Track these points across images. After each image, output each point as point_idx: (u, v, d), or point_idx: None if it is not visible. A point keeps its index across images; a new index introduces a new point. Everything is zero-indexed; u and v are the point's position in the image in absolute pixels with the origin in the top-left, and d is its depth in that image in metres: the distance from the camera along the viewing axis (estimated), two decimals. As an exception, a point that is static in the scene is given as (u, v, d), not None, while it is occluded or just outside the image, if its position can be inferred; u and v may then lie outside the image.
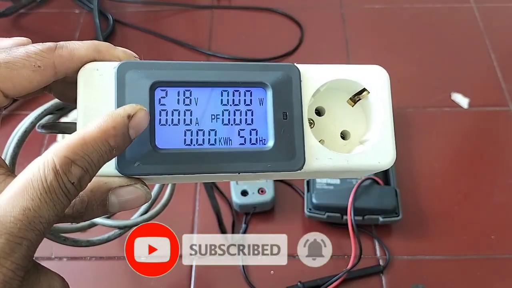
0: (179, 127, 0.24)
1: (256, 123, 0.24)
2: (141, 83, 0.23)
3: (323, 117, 0.26)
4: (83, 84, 0.24)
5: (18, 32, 0.75)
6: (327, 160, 0.24)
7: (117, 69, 0.24)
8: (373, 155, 0.25)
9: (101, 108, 0.23)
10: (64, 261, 0.52)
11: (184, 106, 0.24)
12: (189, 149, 0.24)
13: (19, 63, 0.22)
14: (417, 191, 0.56)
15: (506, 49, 0.70)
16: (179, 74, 0.24)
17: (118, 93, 0.23)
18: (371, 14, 0.76)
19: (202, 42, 0.72)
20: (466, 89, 0.65)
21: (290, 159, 0.24)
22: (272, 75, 0.24)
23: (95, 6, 0.73)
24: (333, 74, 0.25)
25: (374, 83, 0.26)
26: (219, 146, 0.24)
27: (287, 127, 0.24)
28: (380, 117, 0.25)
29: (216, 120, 0.24)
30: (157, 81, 0.24)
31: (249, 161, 0.24)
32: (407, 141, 0.60)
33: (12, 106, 0.64)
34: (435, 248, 0.52)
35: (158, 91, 0.24)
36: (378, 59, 0.75)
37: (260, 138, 0.24)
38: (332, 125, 0.26)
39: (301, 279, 0.49)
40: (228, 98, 0.24)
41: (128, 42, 0.73)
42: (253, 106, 0.24)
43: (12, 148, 0.30)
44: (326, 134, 0.26)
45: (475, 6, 0.76)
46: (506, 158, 0.59)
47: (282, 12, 0.76)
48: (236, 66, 0.25)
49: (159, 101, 0.24)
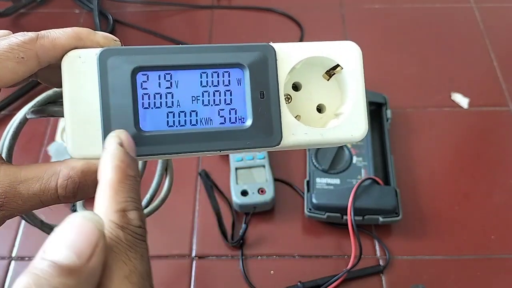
0: (162, 110, 0.25)
1: (235, 103, 0.25)
2: (123, 69, 0.24)
3: (300, 92, 0.28)
4: (67, 72, 0.24)
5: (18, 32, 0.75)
6: (303, 135, 0.26)
7: (98, 56, 0.24)
8: (346, 129, 0.26)
9: (86, 95, 0.24)
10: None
11: (165, 89, 0.25)
12: (172, 130, 0.25)
13: (3, 55, 0.23)
14: (417, 191, 0.56)
15: (506, 49, 0.71)
16: (159, 58, 0.25)
17: (101, 79, 0.24)
18: (371, 14, 0.76)
19: (202, 42, 0.72)
20: (466, 89, 0.65)
21: (268, 136, 0.25)
22: (249, 56, 0.25)
23: (95, 6, 0.73)
24: (308, 52, 0.26)
25: (347, 59, 0.27)
26: (200, 126, 0.25)
27: (265, 105, 0.25)
28: (352, 91, 0.27)
29: (196, 102, 0.25)
30: (138, 66, 0.24)
31: (229, 139, 0.25)
32: (407, 141, 0.60)
33: (12, 107, 0.65)
34: (435, 248, 0.52)
35: (139, 76, 0.25)
36: (377, 59, 0.75)
37: (239, 117, 0.25)
38: (309, 99, 0.28)
39: (301, 279, 0.49)
40: (207, 79, 0.25)
41: (128, 42, 0.72)
42: (232, 86, 0.25)
43: (8, 140, 0.31)
44: (303, 108, 0.27)
45: (475, 6, 0.76)
46: (506, 158, 0.59)
47: (282, 12, 0.76)
48: (214, 48, 0.25)
49: (141, 85, 0.25)
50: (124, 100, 0.24)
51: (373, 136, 0.58)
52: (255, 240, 0.53)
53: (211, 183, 0.57)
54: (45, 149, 0.60)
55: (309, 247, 0.52)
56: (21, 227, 0.54)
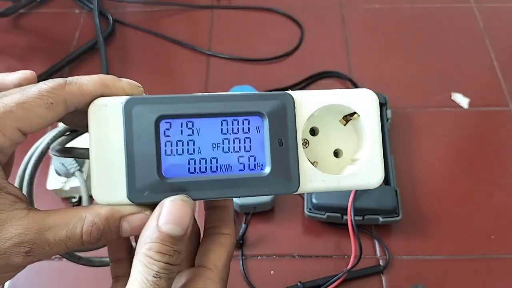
0: (183, 157, 0.26)
1: (254, 150, 0.26)
2: (147, 117, 0.25)
3: (317, 137, 0.28)
4: (94, 119, 0.25)
5: (18, 32, 0.75)
6: (320, 182, 0.27)
7: (124, 105, 0.25)
8: (362, 176, 0.27)
9: (111, 142, 0.25)
10: (64, 261, 0.52)
11: (187, 137, 0.26)
12: (193, 177, 0.25)
13: (33, 102, 0.24)
14: (417, 191, 0.56)
15: (506, 49, 0.71)
16: (182, 107, 0.26)
17: (126, 127, 0.25)
18: (371, 14, 0.76)
19: (202, 42, 0.72)
20: (466, 89, 0.65)
21: (286, 183, 0.26)
22: (268, 104, 0.26)
23: (94, 6, 0.73)
24: (326, 100, 0.27)
25: (364, 106, 0.27)
26: (220, 173, 0.26)
27: (283, 153, 0.26)
28: (369, 138, 0.27)
29: (217, 149, 0.26)
30: (162, 115, 0.25)
31: (248, 186, 0.26)
32: (407, 141, 0.60)
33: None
34: (435, 248, 0.52)
35: (163, 124, 0.25)
36: (377, 59, 0.76)
37: (258, 164, 0.26)
38: (326, 144, 0.28)
39: (301, 279, 0.49)
40: (228, 127, 0.26)
41: (128, 42, 0.73)
42: (251, 134, 0.26)
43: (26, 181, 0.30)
44: (320, 152, 0.28)
45: (475, 6, 0.76)
46: (506, 158, 0.59)
47: (282, 12, 0.76)
48: (234, 97, 0.26)
49: (164, 133, 0.25)
50: (148, 147, 0.25)
51: (373, 136, 0.58)
52: (255, 240, 0.53)
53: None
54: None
55: (309, 247, 0.52)
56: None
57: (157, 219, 0.24)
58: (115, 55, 0.70)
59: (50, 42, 0.73)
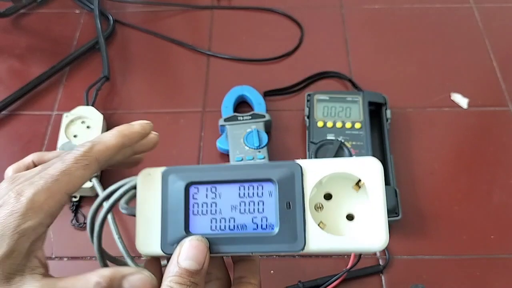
0: (207, 216, 0.30)
1: (266, 212, 0.30)
2: (179, 183, 0.30)
3: (331, 201, 0.31)
4: (140, 184, 0.31)
5: (18, 32, 0.75)
6: (325, 243, 0.29)
7: (162, 173, 0.31)
8: (366, 239, 0.29)
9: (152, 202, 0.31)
10: (64, 260, 0.52)
11: (211, 200, 0.30)
12: (214, 234, 0.30)
13: (73, 167, 0.28)
14: (416, 191, 0.56)
15: (505, 49, 0.71)
16: (207, 175, 0.30)
17: (163, 190, 0.31)
18: (371, 14, 0.76)
19: (202, 42, 0.72)
20: (466, 89, 0.65)
21: (292, 242, 0.29)
22: (278, 172, 0.30)
23: (95, 6, 0.73)
24: (331, 168, 0.30)
25: (368, 173, 0.29)
26: (236, 231, 0.30)
27: (291, 215, 0.29)
28: (374, 204, 0.29)
29: (235, 210, 0.30)
30: (191, 181, 0.30)
31: (259, 243, 0.29)
32: (406, 141, 0.60)
33: (12, 107, 0.65)
34: (435, 247, 0.52)
35: (192, 188, 0.31)
36: (377, 59, 0.76)
37: (269, 224, 0.30)
38: (339, 208, 0.30)
39: (301, 279, 0.49)
40: (244, 191, 0.30)
41: (128, 42, 0.73)
42: (264, 198, 0.30)
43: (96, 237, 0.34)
44: (333, 216, 0.30)
45: (474, 6, 0.76)
46: (505, 158, 0.59)
47: (282, 12, 0.76)
48: (250, 166, 0.31)
49: (193, 196, 0.30)
50: (179, 207, 0.30)
51: (373, 136, 0.59)
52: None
53: (211, 183, 0.57)
54: (46, 149, 0.61)
55: (309, 247, 0.52)
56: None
57: (178, 256, 0.28)
58: (116, 55, 0.71)
59: (51, 42, 0.73)
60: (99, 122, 0.59)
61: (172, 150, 0.61)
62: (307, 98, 0.61)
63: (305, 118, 0.60)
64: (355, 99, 0.60)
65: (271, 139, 0.61)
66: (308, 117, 0.59)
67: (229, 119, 0.59)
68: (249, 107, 0.64)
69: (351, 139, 0.56)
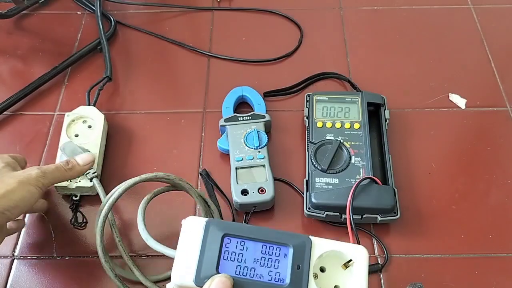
0: (234, 263, 0.38)
1: (280, 268, 0.38)
2: (217, 233, 0.39)
3: (324, 273, 0.39)
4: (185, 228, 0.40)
5: (20, 33, 0.75)
6: None
7: (205, 224, 0.39)
8: None
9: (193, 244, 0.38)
10: (66, 259, 0.52)
11: (239, 250, 0.38)
12: (237, 277, 0.37)
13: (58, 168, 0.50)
14: (415, 191, 0.57)
15: (503, 50, 0.71)
16: (240, 231, 0.39)
17: (203, 237, 0.39)
18: (370, 15, 0.76)
19: (203, 43, 0.73)
20: (464, 90, 0.66)
21: None
22: (295, 240, 0.39)
23: (97, 8, 0.73)
24: (332, 247, 0.39)
25: (357, 257, 0.39)
26: (255, 279, 0.38)
27: (299, 274, 0.38)
28: (359, 281, 0.38)
29: (256, 262, 0.38)
30: (226, 233, 0.39)
31: None
32: (405, 141, 0.61)
33: (15, 107, 0.65)
34: (433, 246, 0.53)
35: (226, 239, 0.39)
36: (376, 60, 0.76)
37: (281, 278, 0.38)
38: (329, 279, 0.39)
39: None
40: (267, 250, 0.38)
41: (129, 43, 0.73)
42: (280, 257, 0.38)
43: None
44: (325, 284, 0.39)
45: (472, 7, 0.77)
46: (503, 158, 0.60)
47: (281, 14, 0.76)
48: (275, 232, 0.40)
49: (225, 245, 0.38)
50: (214, 251, 0.38)
51: (372, 136, 0.59)
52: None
53: (211, 182, 0.57)
54: (47, 148, 0.61)
55: (309, 245, 0.53)
56: (23, 226, 0.55)
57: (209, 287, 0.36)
58: (117, 56, 0.71)
59: (53, 43, 0.74)
60: (100, 122, 0.60)
61: (173, 150, 0.61)
62: (307, 98, 0.62)
63: (305, 119, 0.61)
64: (354, 99, 0.60)
65: (271, 139, 0.61)
66: (308, 118, 0.60)
67: (230, 120, 0.60)
68: (249, 107, 0.65)
69: (350, 139, 0.57)
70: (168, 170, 0.59)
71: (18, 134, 0.63)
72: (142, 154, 0.61)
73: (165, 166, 0.59)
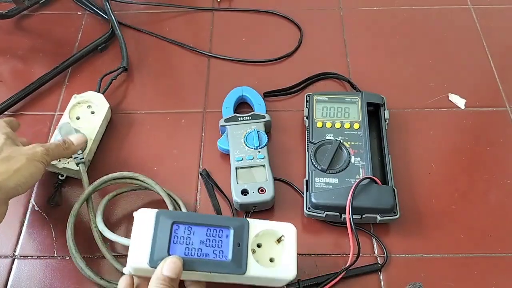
0: (183, 245, 0.43)
1: (223, 247, 0.44)
2: (167, 221, 0.44)
3: (261, 248, 0.46)
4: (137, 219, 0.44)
5: (21, 33, 0.75)
6: (259, 271, 0.44)
7: (156, 213, 0.44)
8: (283, 272, 0.45)
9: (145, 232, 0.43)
10: (66, 259, 0.52)
11: (187, 235, 0.44)
12: (186, 257, 0.43)
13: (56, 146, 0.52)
14: (414, 191, 0.57)
15: (503, 50, 0.71)
16: (187, 218, 0.44)
17: (155, 225, 0.43)
18: (369, 15, 0.76)
19: (203, 43, 0.73)
20: (463, 90, 0.66)
21: (238, 268, 0.43)
22: (235, 223, 0.45)
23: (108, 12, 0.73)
24: (266, 226, 0.46)
25: (287, 233, 0.46)
26: (202, 258, 0.43)
27: (239, 251, 0.44)
28: (289, 252, 0.45)
29: (202, 244, 0.44)
30: (175, 221, 0.44)
31: (216, 266, 0.43)
32: (404, 141, 0.61)
33: (15, 108, 0.65)
34: (433, 246, 0.53)
35: (174, 226, 0.44)
36: (375, 60, 0.76)
37: (225, 255, 0.44)
38: (265, 253, 0.46)
39: (300, 277, 0.50)
40: (211, 232, 0.44)
41: (129, 43, 0.73)
42: (223, 238, 0.44)
43: None
44: (261, 257, 0.45)
45: (472, 8, 0.77)
46: (502, 158, 0.60)
47: (281, 14, 0.76)
48: (218, 217, 0.51)
49: (174, 231, 0.44)
50: (164, 237, 0.43)
51: (371, 136, 0.59)
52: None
53: (212, 182, 0.57)
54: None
55: (308, 245, 0.53)
56: (24, 226, 0.55)
57: (161, 268, 0.41)
58: (117, 57, 0.71)
59: (53, 43, 0.74)
60: (104, 110, 0.61)
61: (173, 150, 0.61)
62: (306, 98, 0.62)
63: (305, 119, 0.61)
64: (353, 99, 0.60)
65: (271, 139, 0.61)
66: (308, 118, 0.60)
67: (230, 120, 0.60)
68: (249, 107, 0.65)
69: (349, 139, 0.57)
70: (168, 170, 0.59)
71: (19, 134, 0.63)
72: (142, 153, 0.61)
73: (165, 166, 0.59)
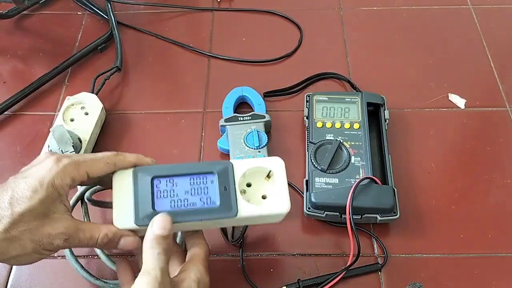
0: (167, 199, 0.42)
1: (210, 193, 0.42)
2: (146, 177, 0.42)
3: (251, 188, 0.44)
4: (116, 179, 0.42)
5: (21, 33, 0.75)
6: (251, 211, 0.42)
7: (132, 171, 0.42)
8: (276, 207, 0.43)
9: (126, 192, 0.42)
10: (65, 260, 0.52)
11: (170, 188, 0.42)
12: (173, 210, 0.41)
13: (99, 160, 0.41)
14: (414, 190, 0.57)
15: (503, 50, 0.71)
16: (167, 171, 0.42)
17: (134, 184, 0.42)
18: (369, 15, 0.77)
19: (203, 44, 0.73)
20: (463, 90, 0.66)
21: (228, 211, 0.41)
22: (218, 167, 0.43)
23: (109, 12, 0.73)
24: (251, 164, 0.44)
25: (276, 167, 0.44)
26: (189, 207, 0.41)
27: (227, 194, 0.42)
28: (280, 186, 0.43)
29: (187, 193, 0.42)
30: (154, 176, 0.42)
31: (206, 214, 0.41)
32: (404, 141, 0.61)
33: (16, 107, 0.65)
34: (433, 246, 0.53)
35: (155, 180, 0.42)
36: (375, 60, 0.76)
37: (212, 201, 0.42)
38: (257, 191, 0.44)
39: (300, 277, 0.50)
40: (194, 181, 0.42)
41: (130, 43, 0.73)
42: (208, 184, 0.42)
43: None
44: (253, 196, 0.44)
45: (472, 8, 0.77)
46: (502, 158, 0.60)
47: (281, 14, 0.76)
48: (197, 164, 0.45)
49: (156, 186, 0.42)
50: (146, 194, 0.41)
51: (371, 136, 0.59)
52: (255, 239, 0.53)
53: (211, 182, 0.57)
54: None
55: (308, 245, 0.53)
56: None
57: (152, 228, 0.39)
58: (117, 57, 0.71)
59: (53, 43, 0.74)
60: (97, 111, 0.60)
61: (173, 150, 0.61)
62: (306, 98, 0.62)
63: (305, 119, 0.61)
64: (353, 99, 0.60)
65: (271, 139, 0.61)
66: (308, 118, 0.60)
67: (230, 120, 0.60)
68: (249, 107, 0.65)
69: (349, 139, 0.57)
70: (168, 170, 0.59)
71: (19, 134, 0.63)
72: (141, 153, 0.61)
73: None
